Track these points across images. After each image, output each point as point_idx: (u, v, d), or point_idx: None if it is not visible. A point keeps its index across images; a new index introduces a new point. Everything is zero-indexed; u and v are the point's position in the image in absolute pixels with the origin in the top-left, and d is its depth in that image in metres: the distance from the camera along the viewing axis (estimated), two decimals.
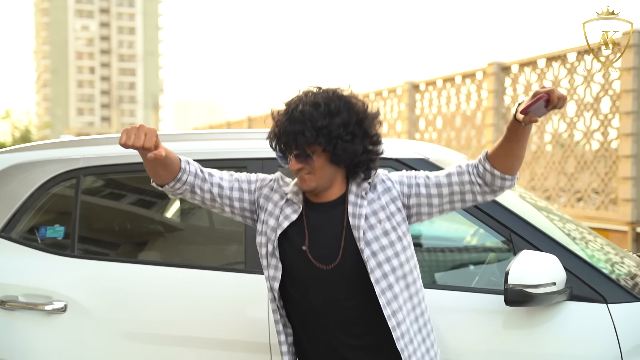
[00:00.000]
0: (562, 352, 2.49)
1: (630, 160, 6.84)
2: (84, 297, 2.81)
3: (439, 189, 2.20)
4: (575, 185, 7.71)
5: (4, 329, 2.84)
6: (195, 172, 2.27)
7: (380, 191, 2.22)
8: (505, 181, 2.15)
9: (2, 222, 2.99)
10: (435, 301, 2.53)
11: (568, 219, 3.29)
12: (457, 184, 2.19)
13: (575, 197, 7.72)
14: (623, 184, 6.89)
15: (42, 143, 3.23)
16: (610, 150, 7.27)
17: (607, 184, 7.27)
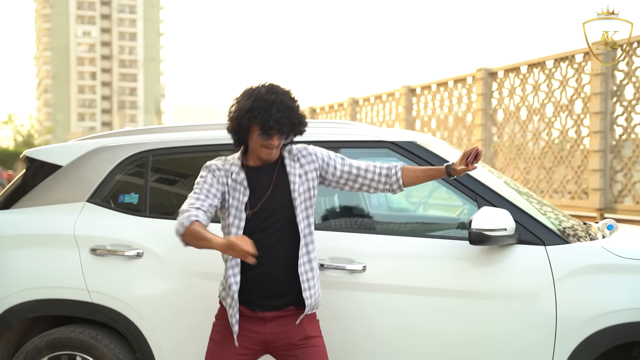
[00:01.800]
0: (512, 281, 3.38)
1: (599, 154, 7.76)
2: (155, 245, 3.72)
3: (347, 174, 3.17)
4: (553, 177, 8.65)
5: (95, 270, 3.75)
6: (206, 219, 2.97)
7: (307, 160, 3.12)
8: (400, 190, 3.24)
9: (91, 191, 3.90)
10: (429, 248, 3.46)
11: (523, 191, 4.20)
12: (362, 177, 3.19)
13: (552, 189, 8.66)
14: (592, 175, 7.82)
15: (119, 131, 4.15)
16: (583, 146, 8.22)
17: (580, 176, 8.20)
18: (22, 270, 3.84)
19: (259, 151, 3.01)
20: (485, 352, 3.37)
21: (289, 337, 3.03)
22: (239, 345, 3.02)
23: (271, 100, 2.93)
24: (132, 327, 3.68)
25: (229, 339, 3.03)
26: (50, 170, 4.02)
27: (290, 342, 3.03)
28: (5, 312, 3.79)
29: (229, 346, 3.03)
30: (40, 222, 3.91)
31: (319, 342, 3.08)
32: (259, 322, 3.02)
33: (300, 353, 3.02)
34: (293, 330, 3.04)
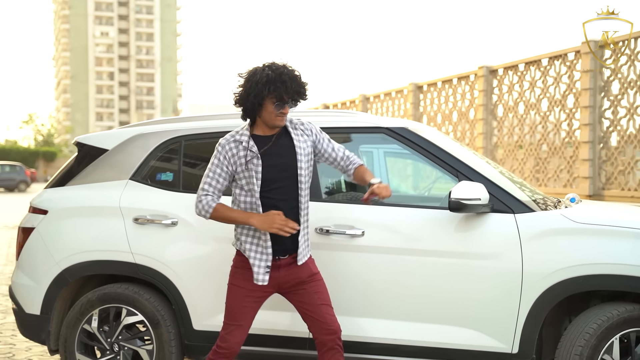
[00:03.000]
0: (487, 243, 4.04)
1: (588, 145, 8.39)
2: (187, 215, 4.41)
3: (327, 153, 3.83)
4: (547, 167, 9.30)
5: (138, 236, 4.45)
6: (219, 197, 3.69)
7: (306, 132, 3.74)
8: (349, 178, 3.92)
9: (132, 170, 4.61)
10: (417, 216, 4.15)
11: (503, 170, 4.86)
12: (333, 159, 3.84)
13: (547, 177, 9.31)
14: (583, 164, 8.46)
15: (155, 120, 4.86)
16: (574, 137, 8.86)
17: (572, 165, 8.84)
18: (76, 237, 4.55)
19: (273, 120, 3.58)
20: (464, 301, 4.03)
21: (299, 277, 3.72)
22: (258, 288, 3.69)
23: (285, 73, 3.54)
24: (169, 284, 4.35)
25: (248, 283, 3.68)
26: (98, 154, 4.73)
27: (300, 280, 3.72)
28: (64, 271, 4.50)
29: (248, 290, 3.68)
30: (91, 196, 4.62)
31: (320, 277, 3.79)
32: (274, 269, 3.69)
33: (308, 286, 3.72)
34: (301, 271, 3.73)
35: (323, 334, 3.69)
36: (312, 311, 3.70)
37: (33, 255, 4.62)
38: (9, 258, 11.46)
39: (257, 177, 3.61)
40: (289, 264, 3.72)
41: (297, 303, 3.75)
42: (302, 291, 3.73)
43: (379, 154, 6.16)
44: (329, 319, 3.70)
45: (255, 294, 3.70)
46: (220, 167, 3.65)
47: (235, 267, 3.78)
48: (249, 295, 3.69)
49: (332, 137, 4.55)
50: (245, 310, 3.68)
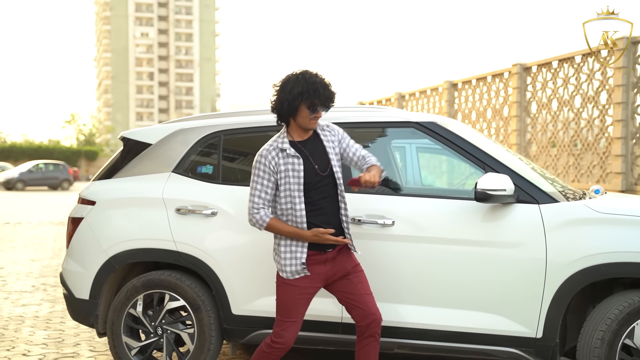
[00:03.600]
0: (512, 232, 4.21)
1: (621, 141, 8.46)
2: (226, 206, 4.65)
3: (347, 153, 4.01)
4: (581, 163, 9.37)
5: (180, 225, 4.69)
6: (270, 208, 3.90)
7: (332, 134, 3.97)
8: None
9: (175, 163, 4.86)
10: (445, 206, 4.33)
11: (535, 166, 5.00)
12: (351, 159, 4.03)
13: (580, 173, 9.38)
14: (615, 160, 8.53)
15: (195, 115, 5.12)
16: (607, 134, 8.92)
17: (605, 161, 8.91)
18: (122, 226, 4.81)
19: (307, 124, 3.84)
20: (490, 287, 4.20)
21: (344, 268, 3.92)
22: (309, 285, 3.86)
23: (317, 82, 3.79)
24: (209, 271, 4.58)
25: (300, 281, 3.85)
26: (142, 148, 5.00)
27: (345, 271, 3.92)
28: (110, 258, 4.78)
29: (300, 288, 3.86)
30: (135, 188, 4.88)
31: (361, 267, 4.00)
32: (321, 263, 3.87)
33: (352, 277, 3.92)
34: (346, 262, 3.93)
35: (366, 322, 3.89)
36: (357, 300, 3.90)
37: (82, 243, 4.91)
38: (55, 252, 11.87)
39: (299, 178, 3.82)
40: (334, 257, 3.90)
41: (342, 293, 3.94)
42: (346, 282, 3.93)
43: (411, 149, 6.33)
44: (372, 307, 3.91)
45: (308, 291, 3.89)
46: (265, 178, 3.83)
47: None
48: (302, 292, 3.87)
49: (364, 132, 4.79)
50: (298, 306, 3.88)
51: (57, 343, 5.94)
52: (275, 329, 3.90)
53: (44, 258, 11.17)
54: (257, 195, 3.84)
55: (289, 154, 3.83)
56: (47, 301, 7.72)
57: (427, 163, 7.36)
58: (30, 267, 10.24)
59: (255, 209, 3.84)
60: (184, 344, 4.70)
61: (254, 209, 3.85)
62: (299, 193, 3.81)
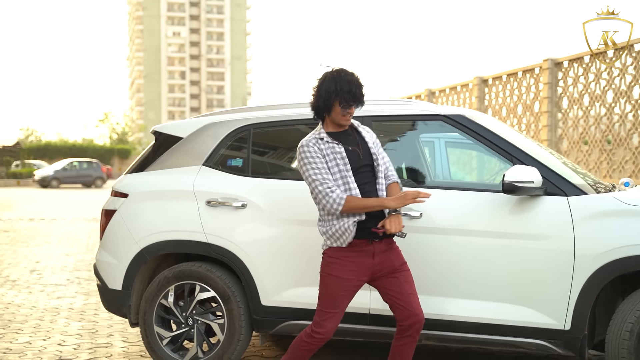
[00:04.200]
0: (540, 224, 4.21)
1: None
2: (256, 198, 4.71)
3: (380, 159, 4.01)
4: (612, 158, 9.29)
5: (210, 217, 4.76)
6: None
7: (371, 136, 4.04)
8: None
9: (205, 157, 4.93)
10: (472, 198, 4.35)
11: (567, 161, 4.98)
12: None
13: (612, 169, 9.30)
14: None
15: (225, 110, 5.19)
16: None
17: (638, 157, 8.81)
18: (154, 218, 4.90)
19: (340, 119, 3.89)
20: (518, 279, 4.20)
21: (392, 264, 3.91)
22: (354, 277, 3.83)
23: (350, 81, 3.86)
24: (239, 262, 4.64)
25: (345, 273, 3.84)
26: (173, 141, 5.08)
27: (393, 267, 3.91)
28: (142, 250, 4.86)
29: (345, 279, 3.84)
30: (167, 181, 4.96)
31: (408, 266, 4.00)
32: (369, 255, 3.86)
33: (400, 275, 3.92)
34: (394, 258, 3.94)
35: (409, 322, 3.89)
36: (402, 300, 3.87)
37: (115, 235, 5.01)
38: (89, 247, 12.07)
39: (345, 162, 3.86)
40: (383, 251, 3.89)
41: (387, 290, 3.90)
42: (393, 279, 3.92)
43: (440, 143, 6.34)
44: (417, 308, 3.90)
45: (352, 283, 3.87)
46: (318, 162, 3.82)
47: (330, 257, 3.88)
48: (346, 284, 3.86)
49: (393, 124, 4.84)
50: (342, 298, 3.87)
51: (91, 333, 6.06)
52: (316, 318, 3.87)
53: (78, 253, 11.38)
54: (321, 178, 3.79)
55: (328, 141, 3.88)
56: (81, 294, 7.87)
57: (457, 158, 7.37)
58: (64, 262, 10.43)
59: (329, 189, 3.77)
60: (214, 334, 4.76)
61: (327, 190, 3.77)
62: (349, 173, 3.85)
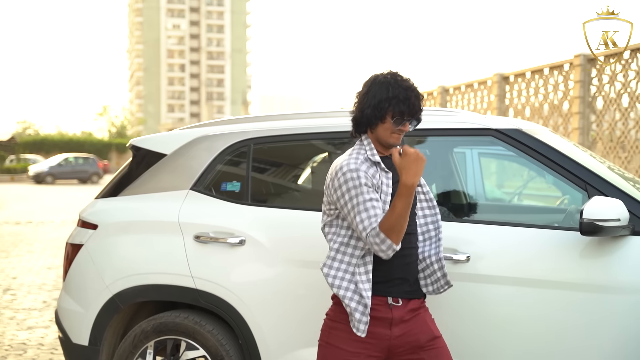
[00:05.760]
0: (626, 274, 3.25)
1: None
2: (257, 233, 3.74)
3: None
4: (628, 167, 8.29)
5: (199, 256, 3.80)
6: None
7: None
8: None
9: (194, 179, 3.96)
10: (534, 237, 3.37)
11: (629, 177, 4.01)
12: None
13: None
14: None
15: (220, 120, 4.20)
16: None
17: None
18: (129, 256, 3.94)
19: (388, 138, 2.92)
20: (595, 346, 3.25)
21: (417, 339, 2.91)
22: (363, 351, 2.86)
23: (409, 88, 2.91)
24: (235, 314, 3.70)
25: (350, 344, 2.87)
26: (155, 159, 4.11)
27: (417, 344, 2.90)
28: (114, 296, 3.90)
29: (350, 353, 2.86)
30: (146, 209, 4.00)
31: (443, 342, 2.98)
32: (385, 324, 2.88)
33: (427, 355, 2.90)
34: (420, 331, 2.92)
35: None
36: None
37: (81, 276, 4.04)
38: None
39: (387, 195, 2.90)
40: (405, 320, 2.91)
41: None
42: (416, 358, 2.93)
43: (472, 154, 5.35)
44: None
45: (359, 359, 2.87)
46: (371, 191, 2.84)
47: (332, 320, 2.97)
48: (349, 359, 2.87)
49: (432, 140, 3.86)
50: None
51: None
52: None
53: (60, 265, 10.40)
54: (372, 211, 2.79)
55: (381, 169, 2.94)
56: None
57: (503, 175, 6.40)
58: (44, 277, 9.46)
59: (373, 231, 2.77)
60: None
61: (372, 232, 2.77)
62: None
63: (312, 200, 4.02)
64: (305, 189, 4.34)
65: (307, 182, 4.32)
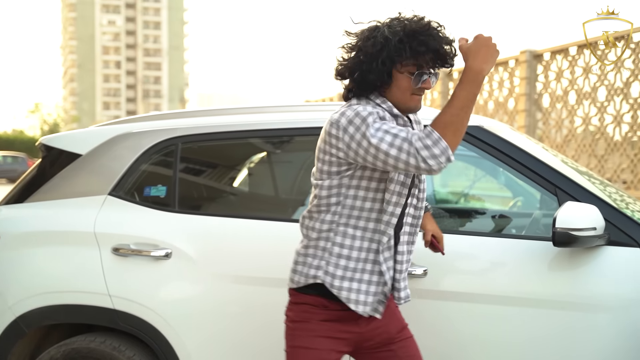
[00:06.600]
0: (601, 289, 2.90)
1: None
2: (185, 244, 3.27)
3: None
4: (605, 166, 8.10)
5: (118, 272, 3.31)
6: None
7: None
8: None
9: (113, 183, 3.46)
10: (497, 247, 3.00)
11: (608, 184, 3.70)
12: None
13: (605, 178, 8.12)
14: None
15: (144, 116, 3.71)
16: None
17: (637, 165, 7.65)
18: (36, 272, 3.43)
19: (407, 100, 2.36)
20: None
21: (387, 331, 2.56)
22: (331, 347, 2.48)
23: (432, 27, 2.30)
24: (159, 337, 3.26)
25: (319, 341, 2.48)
26: (68, 160, 3.61)
27: (387, 335, 2.56)
28: (18, 319, 3.37)
29: (320, 351, 2.48)
30: (56, 217, 3.49)
31: (410, 332, 2.65)
32: (352, 319, 2.50)
33: (397, 347, 2.56)
34: (390, 323, 2.58)
35: None
36: None
37: None
38: None
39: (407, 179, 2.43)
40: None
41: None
42: (387, 353, 2.57)
43: None
44: None
45: (330, 356, 2.48)
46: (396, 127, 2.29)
47: (293, 321, 2.57)
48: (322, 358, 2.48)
49: None
50: None
51: None
52: None
53: None
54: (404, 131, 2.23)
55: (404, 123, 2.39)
56: None
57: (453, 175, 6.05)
58: None
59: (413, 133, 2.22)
60: None
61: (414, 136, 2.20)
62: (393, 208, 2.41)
63: (249, 206, 3.60)
64: (242, 194, 3.89)
65: (243, 185, 3.89)
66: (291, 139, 3.64)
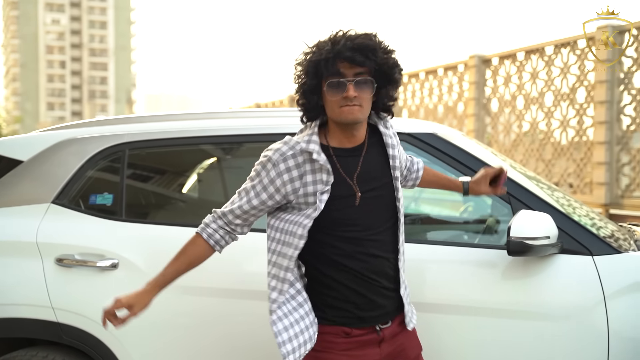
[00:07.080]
0: (553, 297, 2.90)
1: (604, 146, 7.33)
2: (132, 254, 3.16)
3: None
4: (552, 170, 8.20)
5: (62, 284, 3.18)
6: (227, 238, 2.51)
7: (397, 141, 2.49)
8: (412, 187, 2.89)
9: (57, 190, 3.33)
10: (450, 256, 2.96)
11: (555, 188, 3.72)
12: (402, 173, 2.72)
13: (552, 182, 8.21)
14: (597, 168, 7.38)
15: (90, 121, 3.58)
16: (586, 137, 7.77)
17: (582, 169, 7.76)
18: None
19: (338, 114, 2.26)
20: None
21: (406, 355, 2.49)
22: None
23: (339, 36, 2.24)
24: (105, 351, 3.15)
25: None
26: (9, 166, 3.46)
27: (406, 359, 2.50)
28: None
29: None
30: None
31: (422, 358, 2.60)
32: (374, 345, 2.41)
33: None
34: (408, 347, 2.50)
35: None
36: None
37: None
38: None
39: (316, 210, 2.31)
40: (393, 335, 2.47)
41: None
42: None
43: None
44: None
45: None
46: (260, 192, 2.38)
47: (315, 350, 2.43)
48: None
49: None
50: None
51: None
52: None
53: None
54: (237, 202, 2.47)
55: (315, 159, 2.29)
56: None
57: None
58: None
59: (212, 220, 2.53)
60: None
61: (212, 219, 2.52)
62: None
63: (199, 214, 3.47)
64: (191, 201, 3.78)
65: (192, 192, 3.78)
66: (241, 146, 3.56)
